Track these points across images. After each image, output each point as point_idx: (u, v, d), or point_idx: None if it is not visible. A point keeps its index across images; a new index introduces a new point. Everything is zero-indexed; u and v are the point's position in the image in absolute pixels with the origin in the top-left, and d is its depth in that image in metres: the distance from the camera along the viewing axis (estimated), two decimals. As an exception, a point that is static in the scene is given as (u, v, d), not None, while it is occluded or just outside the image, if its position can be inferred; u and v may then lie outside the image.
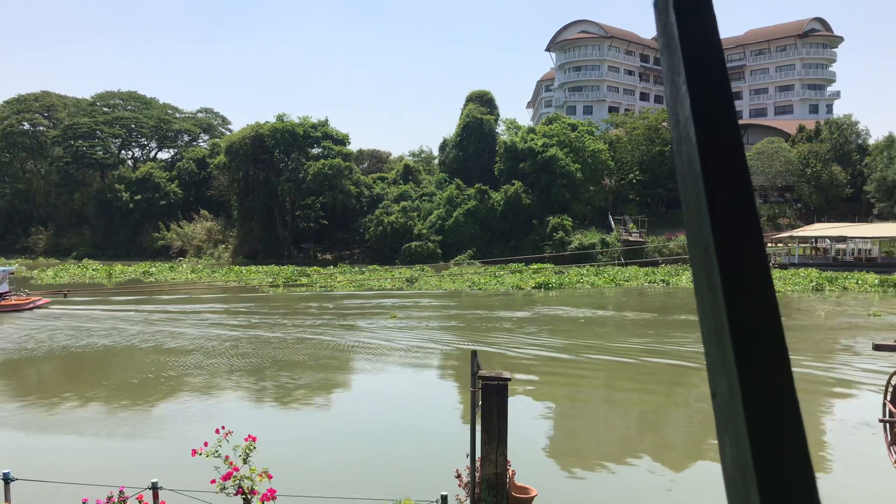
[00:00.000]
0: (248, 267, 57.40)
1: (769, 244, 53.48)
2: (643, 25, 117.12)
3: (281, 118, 69.06)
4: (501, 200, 61.32)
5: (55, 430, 13.12)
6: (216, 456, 6.73)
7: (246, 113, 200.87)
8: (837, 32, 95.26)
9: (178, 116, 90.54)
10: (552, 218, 59.41)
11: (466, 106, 72.23)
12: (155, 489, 7.29)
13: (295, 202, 67.07)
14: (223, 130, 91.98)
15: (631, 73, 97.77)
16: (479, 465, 7.43)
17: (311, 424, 13.65)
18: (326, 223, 68.02)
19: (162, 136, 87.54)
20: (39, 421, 13.73)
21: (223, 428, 6.99)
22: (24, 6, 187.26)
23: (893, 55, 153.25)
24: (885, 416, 9.09)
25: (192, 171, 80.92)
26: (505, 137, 68.08)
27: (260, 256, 65.89)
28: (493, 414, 7.32)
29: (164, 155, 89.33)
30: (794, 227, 59.06)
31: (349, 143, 70.80)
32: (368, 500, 8.31)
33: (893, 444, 8.82)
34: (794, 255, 51.87)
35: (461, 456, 8.21)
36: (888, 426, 9.01)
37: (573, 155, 63.84)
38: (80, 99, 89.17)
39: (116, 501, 6.62)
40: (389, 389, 16.51)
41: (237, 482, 6.66)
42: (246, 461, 6.79)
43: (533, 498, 8.03)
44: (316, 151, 68.06)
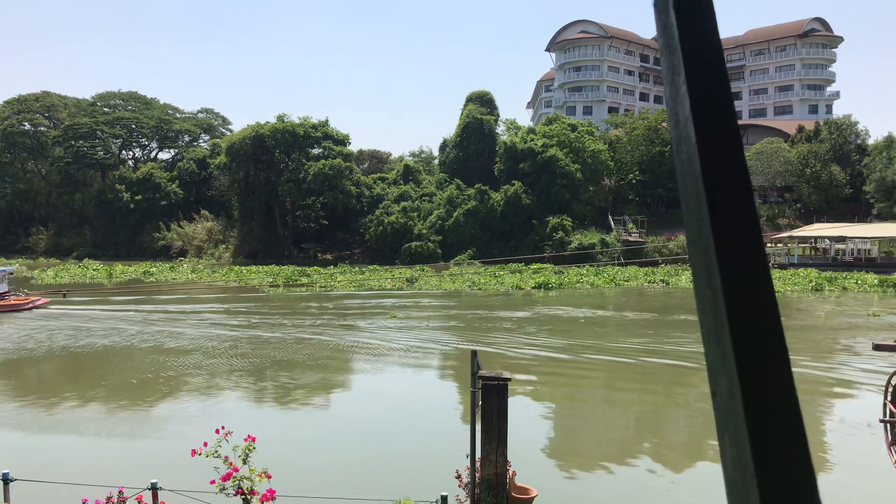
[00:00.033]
0: (248, 267, 57.41)
1: (769, 244, 53.49)
2: (643, 25, 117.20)
3: (281, 118, 69.09)
4: (501, 200, 61.32)
5: (54, 430, 13.12)
6: (216, 456, 6.73)
7: (246, 113, 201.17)
8: (837, 32, 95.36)
9: (178, 117, 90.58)
10: (552, 218, 59.42)
11: (466, 106, 72.25)
12: (154, 489, 7.28)
13: (295, 202, 67.10)
14: (223, 131, 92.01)
15: (631, 73, 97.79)
16: (479, 465, 7.42)
17: (310, 424, 13.65)
18: (327, 223, 68.05)
19: (162, 136, 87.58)
20: (39, 421, 13.73)
21: (223, 428, 6.98)
22: (24, 6, 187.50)
23: (893, 55, 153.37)
24: (885, 416, 9.08)
25: (192, 171, 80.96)
26: (505, 138, 68.10)
27: (260, 256, 65.91)
28: (493, 414, 7.32)
29: (164, 155, 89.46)
30: (793, 227, 59.06)
31: (349, 143, 70.86)
32: (368, 500, 8.30)
33: (894, 444, 8.81)
34: (793, 255, 51.87)
35: (461, 456, 8.21)
36: (888, 426, 9.01)
37: (573, 155, 63.85)
38: (80, 99, 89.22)
39: (116, 502, 6.62)
40: (389, 389, 16.50)
41: (237, 482, 6.65)
42: (245, 461, 6.78)
43: (533, 498, 8.02)
44: (316, 152, 68.08)
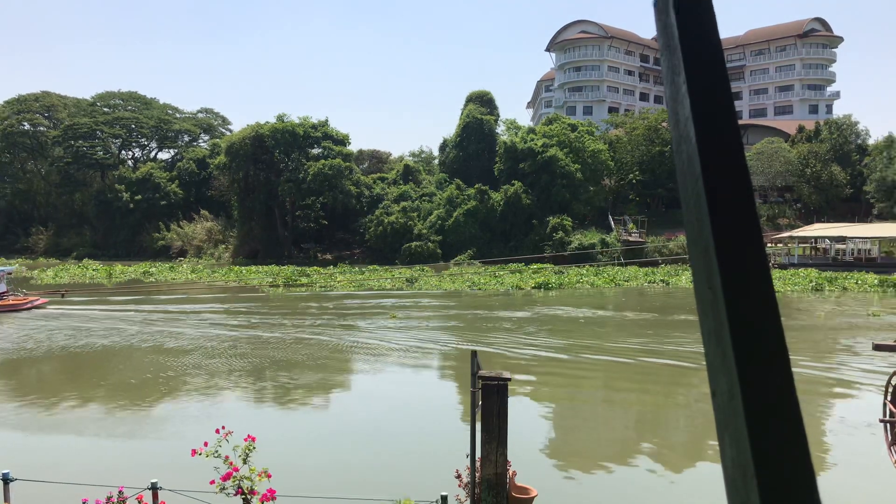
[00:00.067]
0: (248, 267, 57.40)
1: (769, 244, 53.47)
2: (643, 25, 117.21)
3: (281, 118, 69.09)
4: (501, 200, 61.32)
5: (54, 430, 13.12)
6: (216, 456, 6.72)
7: (246, 113, 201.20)
8: (837, 32, 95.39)
9: (178, 117, 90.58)
10: (552, 218, 59.42)
11: (466, 106, 72.26)
12: (154, 489, 7.28)
13: (295, 202, 67.09)
14: (223, 130, 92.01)
15: (631, 73, 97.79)
16: (479, 465, 7.42)
17: (310, 424, 13.64)
18: (326, 223, 68.05)
19: (162, 136, 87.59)
20: (38, 421, 13.72)
21: (223, 428, 6.98)
22: (24, 6, 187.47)
23: (893, 55, 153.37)
24: (885, 416, 9.08)
25: (192, 171, 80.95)
26: (505, 138, 68.10)
27: (260, 256, 65.91)
28: (493, 414, 7.32)
29: (164, 155, 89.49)
30: (793, 227, 59.06)
31: (349, 143, 70.87)
32: (368, 500, 8.30)
33: (894, 444, 8.81)
34: (793, 255, 51.87)
35: (461, 456, 8.21)
36: (888, 426, 9.00)
37: (573, 155, 63.85)
38: (80, 99, 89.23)
39: (116, 502, 6.62)
40: (389, 389, 16.50)
41: (237, 482, 6.65)
42: (245, 461, 6.78)
43: (533, 498, 8.02)
44: (316, 152, 68.08)
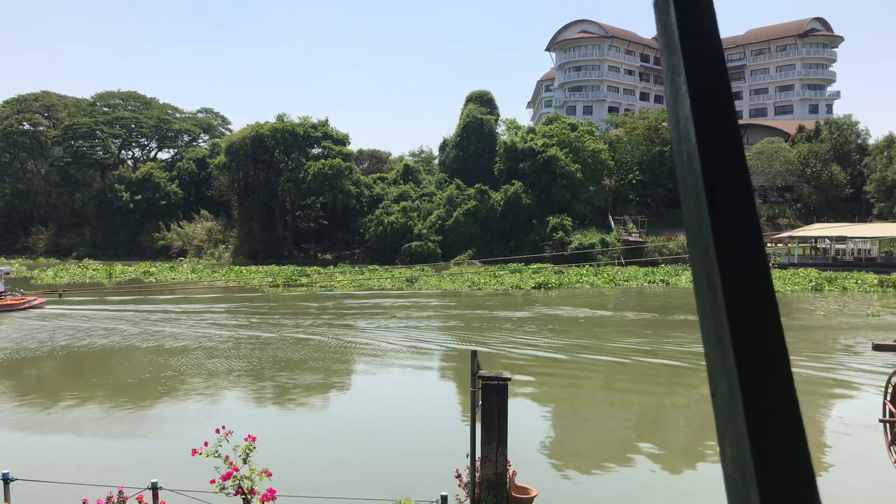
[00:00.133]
0: (248, 267, 57.42)
1: (769, 244, 53.47)
2: (643, 25, 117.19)
3: (281, 118, 69.10)
4: (501, 200, 61.32)
5: (54, 429, 13.12)
6: (216, 456, 6.72)
7: (246, 113, 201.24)
8: (837, 32, 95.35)
9: (178, 116, 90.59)
10: (552, 218, 59.42)
11: (466, 106, 72.25)
12: (154, 489, 7.28)
13: (295, 202, 67.09)
14: (223, 130, 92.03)
15: (631, 72, 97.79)
16: (479, 465, 7.42)
17: (310, 424, 13.64)
18: (326, 223, 68.04)
19: (162, 136, 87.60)
20: (38, 421, 13.72)
21: (223, 428, 6.98)
22: (24, 6, 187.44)
23: (893, 55, 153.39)
24: (885, 416, 9.08)
25: (192, 171, 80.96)
26: (505, 137, 68.11)
27: (260, 256, 65.92)
28: (493, 414, 7.32)
29: (164, 155, 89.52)
30: (793, 227, 59.06)
31: (349, 143, 70.89)
32: (368, 500, 8.30)
33: (893, 444, 8.81)
34: (793, 255, 51.87)
35: (461, 456, 8.21)
36: (888, 426, 9.00)
37: (573, 155, 63.85)
38: (80, 99, 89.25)
39: (116, 501, 6.62)
40: (389, 389, 16.50)
41: (237, 482, 6.65)
42: (246, 461, 6.78)
43: (533, 498, 8.02)
44: (316, 151, 68.10)
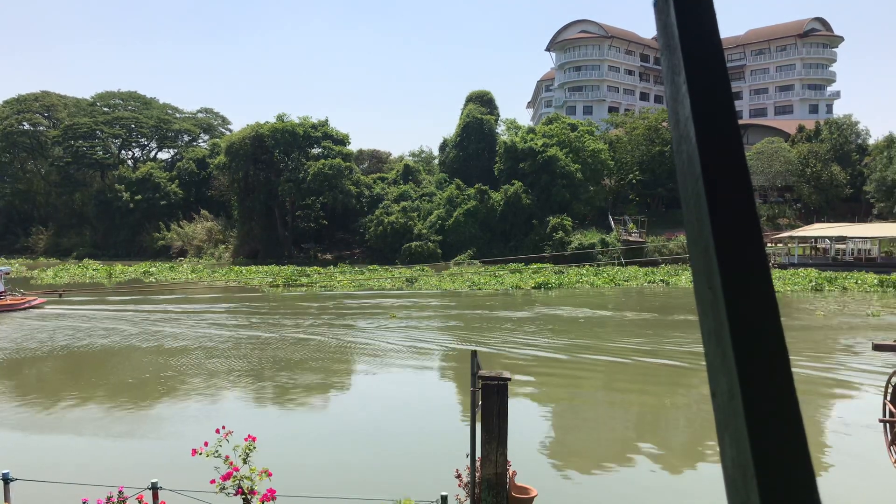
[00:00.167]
0: (248, 267, 57.42)
1: (769, 244, 53.47)
2: (643, 25, 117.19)
3: (281, 118, 69.09)
4: (501, 200, 61.32)
5: (54, 429, 13.12)
6: (216, 456, 6.72)
7: (246, 113, 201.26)
8: (837, 32, 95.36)
9: (178, 116, 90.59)
10: (552, 218, 59.42)
11: (466, 106, 72.25)
12: (154, 489, 7.28)
13: (295, 202, 67.09)
14: (223, 130, 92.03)
15: (631, 72, 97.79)
16: (479, 465, 7.42)
17: (310, 424, 13.64)
18: (326, 223, 68.04)
19: (162, 136, 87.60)
20: (38, 421, 13.72)
21: (223, 428, 6.98)
22: (24, 6, 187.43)
23: (893, 55, 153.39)
24: (885, 416, 9.08)
25: (192, 171, 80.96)
26: (505, 137, 68.11)
27: (260, 256, 65.92)
28: (493, 414, 7.32)
29: (164, 155, 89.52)
30: (793, 227, 59.06)
31: (349, 143, 70.88)
32: (368, 500, 8.30)
33: (893, 444, 8.81)
34: (793, 255, 51.87)
35: (461, 456, 8.21)
36: (888, 426, 9.00)
37: (573, 155, 63.86)
38: (80, 99, 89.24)
39: (116, 501, 6.62)
40: (389, 389, 16.50)
41: (237, 482, 6.65)
42: (246, 461, 6.77)
43: (533, 498, 8.02)
44: (316, 151, 68.09)
